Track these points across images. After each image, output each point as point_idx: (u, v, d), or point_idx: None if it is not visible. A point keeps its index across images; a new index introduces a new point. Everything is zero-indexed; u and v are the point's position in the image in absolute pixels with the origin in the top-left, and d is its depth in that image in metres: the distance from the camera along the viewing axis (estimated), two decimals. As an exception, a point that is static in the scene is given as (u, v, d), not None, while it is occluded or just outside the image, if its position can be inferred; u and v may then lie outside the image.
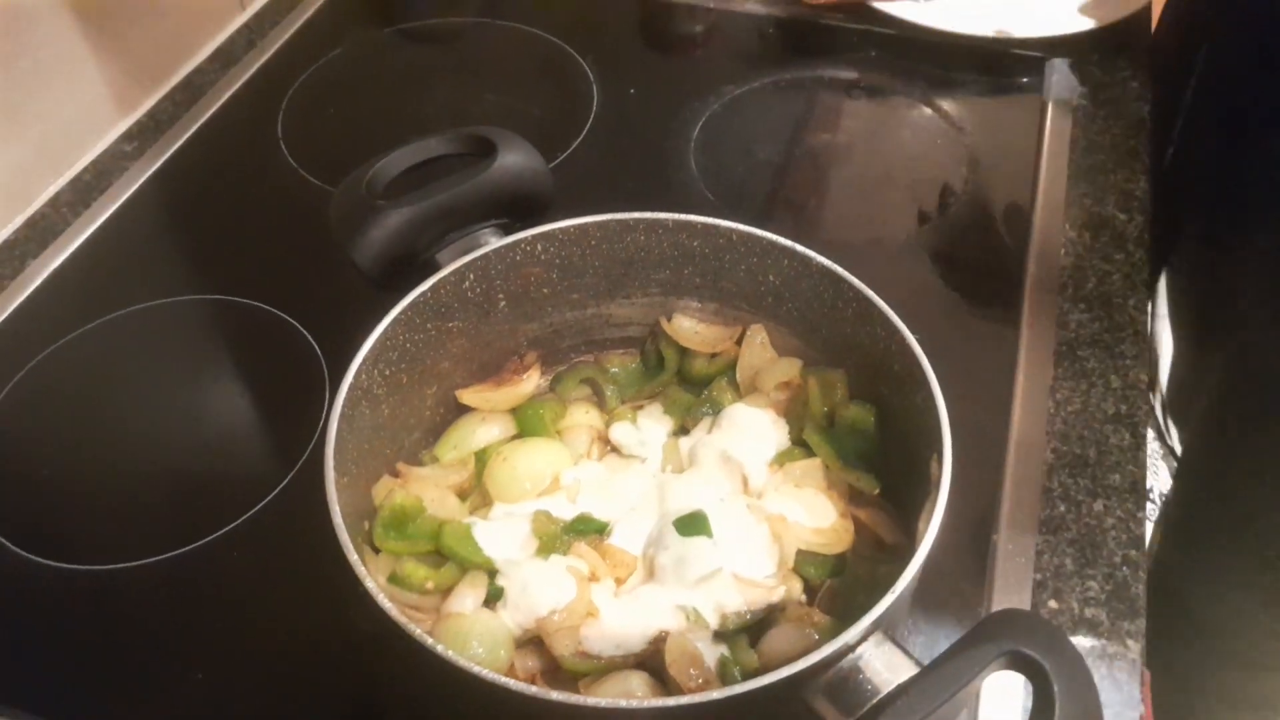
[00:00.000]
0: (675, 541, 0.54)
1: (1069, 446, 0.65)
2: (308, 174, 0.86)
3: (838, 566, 0.54)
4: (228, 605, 0.60)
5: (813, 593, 0.54)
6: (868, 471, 0.56)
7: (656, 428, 0.62)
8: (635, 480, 0.59)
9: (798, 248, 0.58)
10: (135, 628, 0.59)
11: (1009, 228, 0.79)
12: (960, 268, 0.78)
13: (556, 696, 0.42)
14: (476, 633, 0.51)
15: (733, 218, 0.61)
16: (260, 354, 0.74)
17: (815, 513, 0.55)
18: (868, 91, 0.93)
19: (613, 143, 0.88)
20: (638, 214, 0.61)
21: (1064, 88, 0.90)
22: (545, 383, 0.65)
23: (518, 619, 0.52)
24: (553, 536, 0.55)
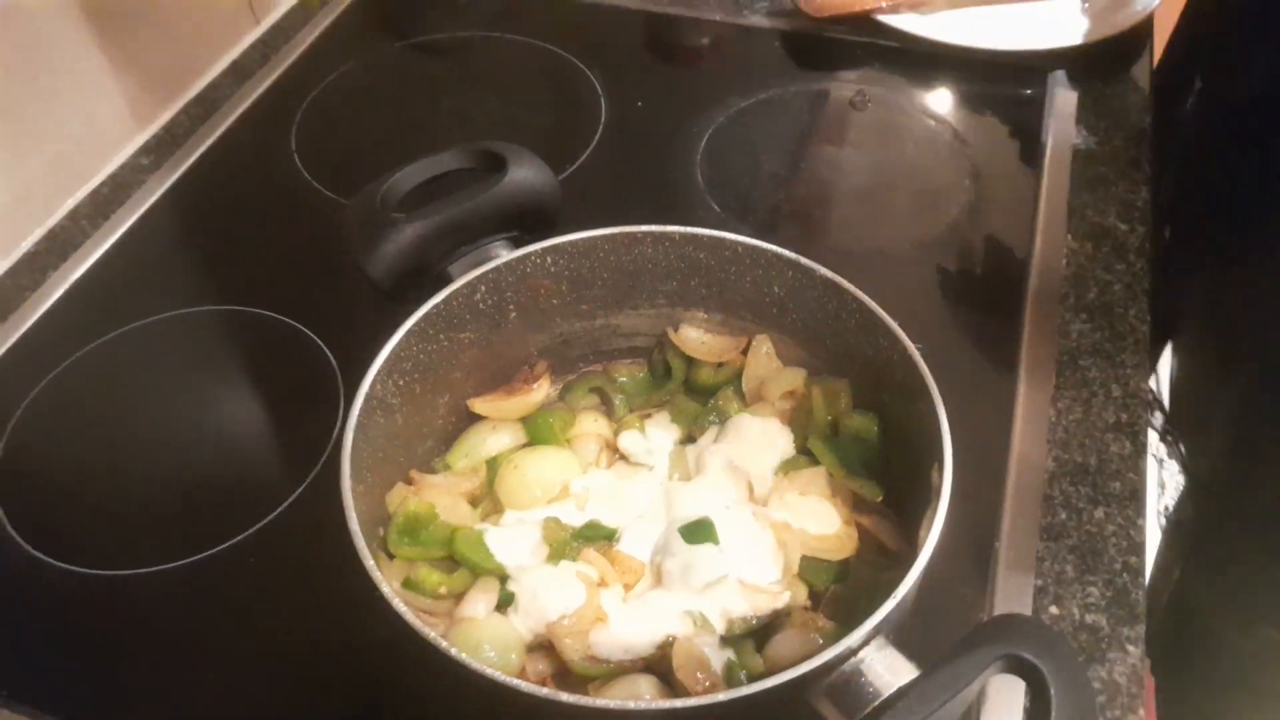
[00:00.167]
0: (682, 548, 0.56)
1: (1070, 455, 0.66)
2: (321, 186, 0.87)
3: (841, 572, 0.56)
4: (243, 610, 0.61)
5: (817, 598, 0.55)
6: (871, 479, 0.57)
7: (664, 436, 0.63)
8: (643, 488, 0.61)
9: (801, 260, 0.59)
10: (152, 632, 0.61)
11: (1011, 238, 0.80)
12: (963, 278, 0.79)
13: (567, 698, 0.43)
14: (488, 637, 0.53)
15: (739, 229, 0.62)
16: (275, 363, 0.75)
17: (819, 520, 0.57)
18: (872, 104, 0.94)
19: (620, 155, 0.89)
20: (645, 227, 0.62)
21: (1065, 99, 0.91)
22: (555, 392, 0.66)
23: (528, 624, 0.53)
24: (562, 543, 0.56)
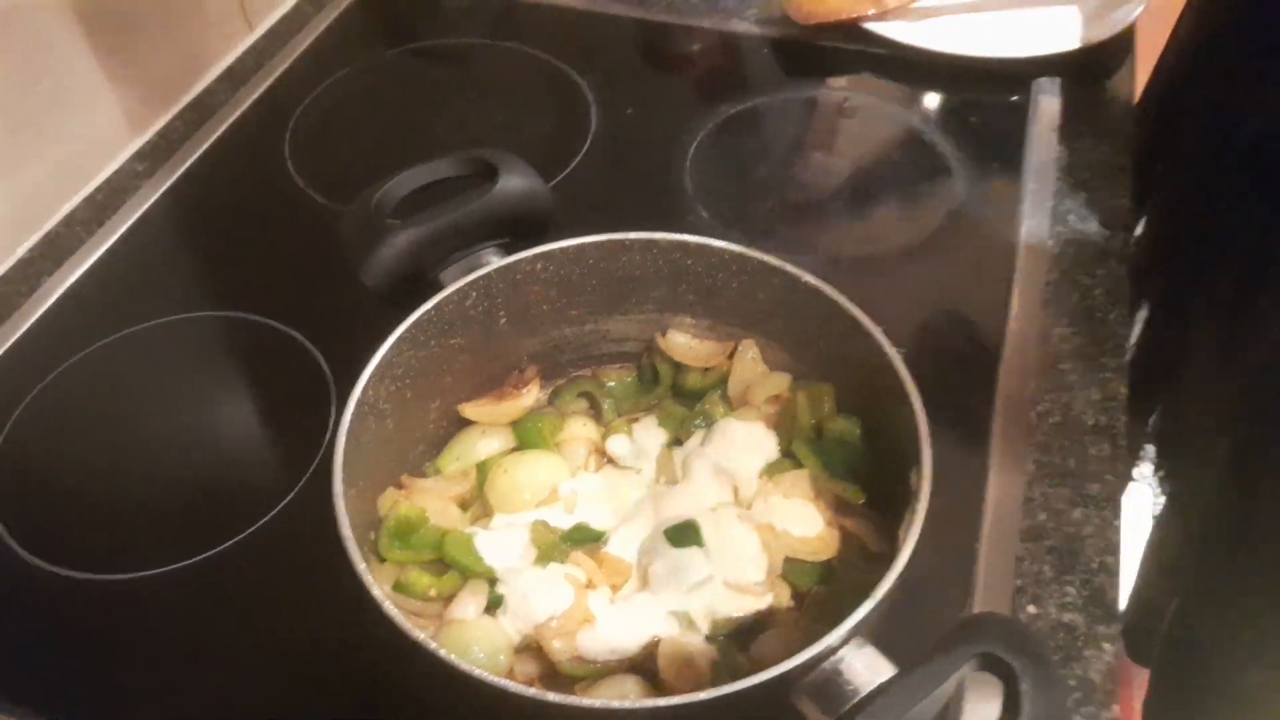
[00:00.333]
0: (668, 550, 0.57)
1: (1050, 457, 0.67)
2: (314, 193, 0.88)
3: (824, 573, 0.57)
4: (238, 613, 0.62)
5: (801, 598, 0.56)
6: (853, 482, 0.58)
7: (651, 440, 0.64)
8: (631, 491, 0.62)
9: (786, 266, 0.60)
10: (148, 634, 0.62)
11: (995, 242, 0.81)
12: (948, 283, 0.80)
13: (554, 698, 0.45)
14: (478, 638, 0.54)
15: (727, 235, 0.63)
16: (268, 368, 0.76)
17: (803, 522, 0.58)
18: (859, 110, 0.95)
19: (611, 162, 0.90)
20: (634, 234, 0.64)
21: (1049, 106, 0.93)
22: (544, 396, 0.67)
23: (517, 625, 0.54)
24: (551, 545, 0.57)
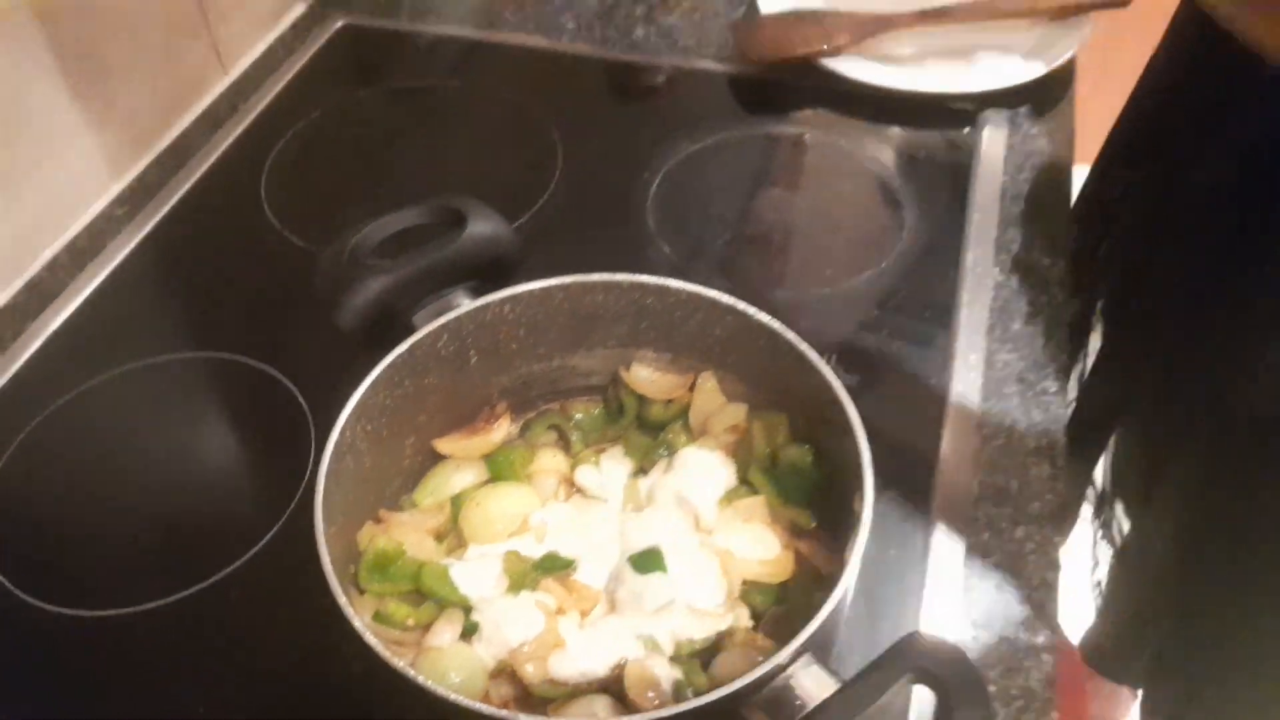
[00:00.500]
0: (634, 576, 0.60)
1: (994, 478, 0.71)
2: (290, 234, 0.91)
3: (780, 595, 0.60)
4: (224, 644, 0.65)
5: (758, 619, 0.60)
6: (806, 508, 0.62)
7: (618, 470, 0.68)
8: (598, 519, 0.65)
9: (739, 305, 0.64)
10: (136, 668, 0.64)
11: (942, 273, 0.86)
12: (898, 313, 0.84)
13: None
14: (454, 664, 0.57)
15: (687, 270, 0.67)
16: (248, 406, 0.79)
17: (760, 546, 0.61)
18: (814, 146, 1.00)
19: (576, 200, 0.94)
20: (597, 276, 0.67)
21: (994, 139, 0.97)
22: (515, 430, 0.71)
23: (491, 651, 0.58)
24: (522, 574, 0.61)
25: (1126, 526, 1.03)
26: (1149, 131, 0.97)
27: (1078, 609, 1.17)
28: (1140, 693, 1.11)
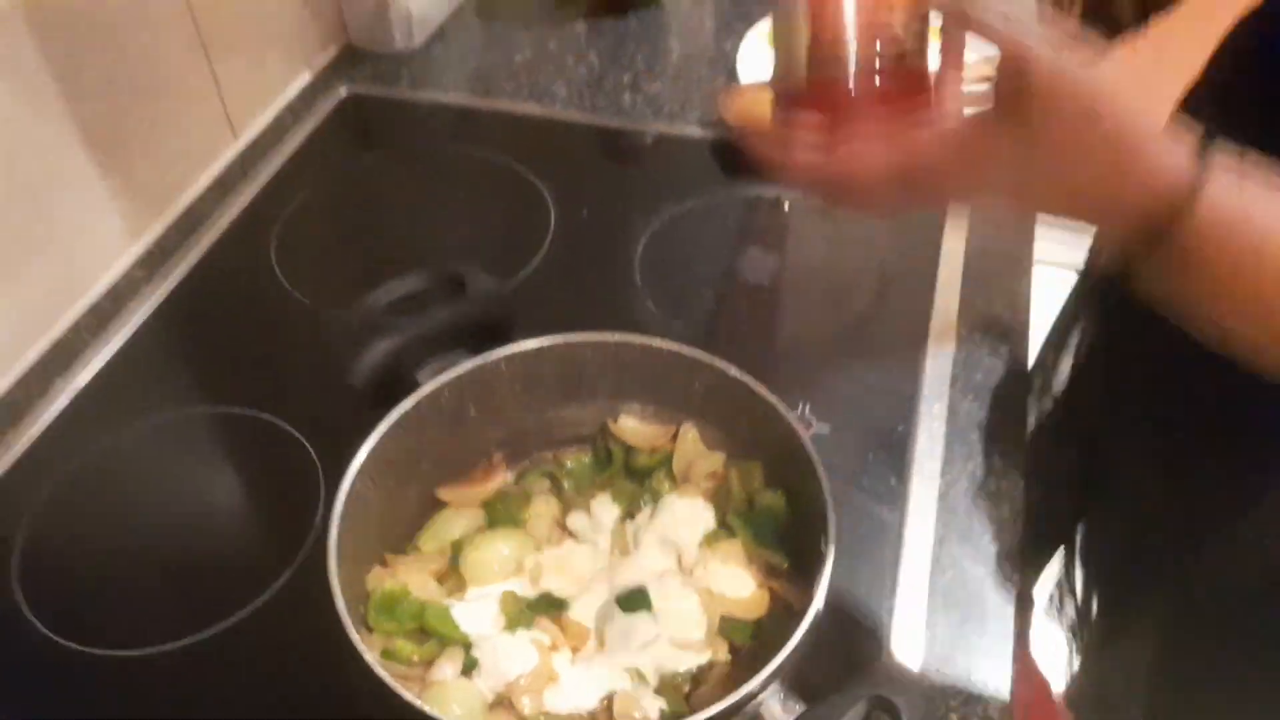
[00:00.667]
0: (621, 615, 0.65)
1: (956, 520, 0.76)
2: (300, 294, 0.97)
3: (757, 630, 0.65)
4: (244, 680, 0.69)
5: (736, 652, 0.65)
6: (780, 549, 0.67)
7: (607, 515, 0.73)
8: (589, 561, 0.70)
9: (715, 362, 0.70)
10: (160, 703, 0.68)
11: (910, 329, 0.92)
12: (869, 364, 0.90)
13: (522, 746, 0.53)
14: (456, 698, 0.61)
15: (672, 326, 0.73)
16: (260, 458, 0.84)
17: (737, 585, 0.66)
18: (791, 207, 1.06)
19: (568, 260, 1.00)
20: (585, 335, 0.73)
21: (960, 200, 1.04)
22: (511, 478, 0.76)
23: (490, 684, 0.62)
24: (519, 613, 0.65)
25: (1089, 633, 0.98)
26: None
27: (1051, 641, 1.21)
28: None
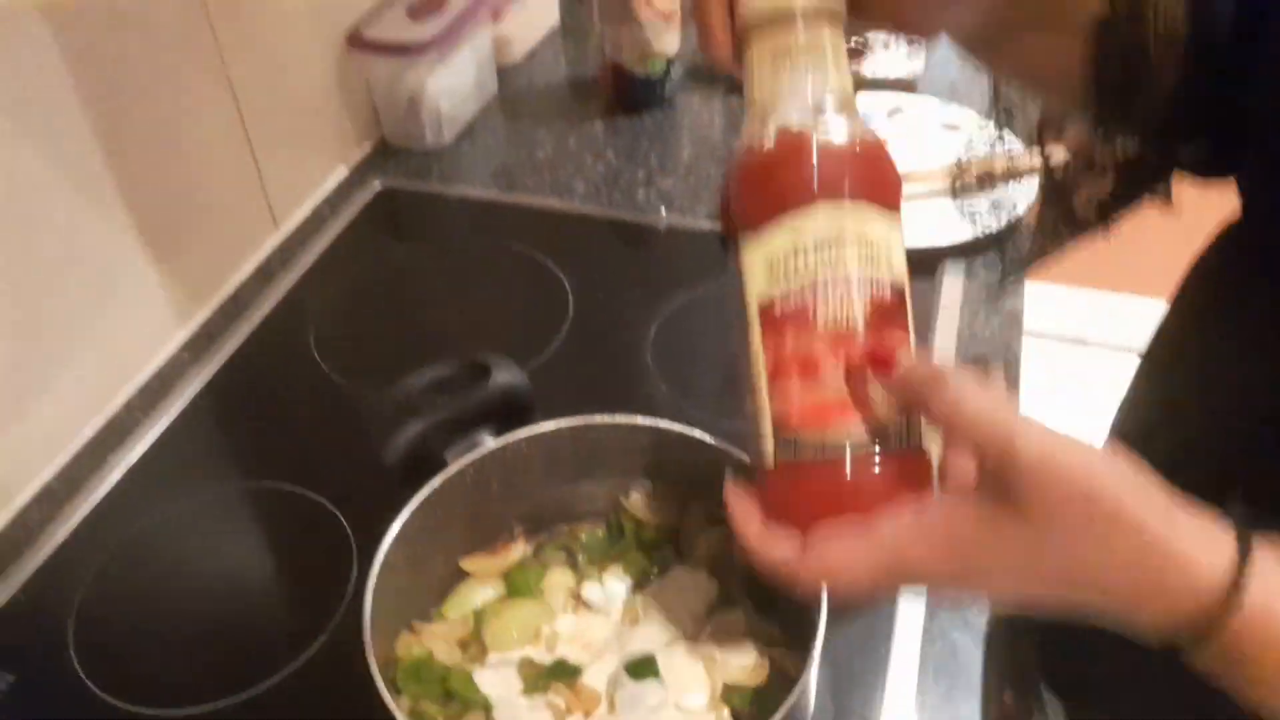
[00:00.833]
0: (630, 681, 0.70)
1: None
2: (336, 377, 1.04)
3: (756, 697, 0.70)
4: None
5: (738, 717, 0.69)
6: (777, 619, 0.72)
7: (618, 586, 0.77)
8: (602, 630, 0.74)
9: (718, 444, 0.75)
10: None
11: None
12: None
13: (537, 801, 0.57)
14: (477, 757, 0.66)
15: (683, 404, 0.78)
16: (298, 530, 0.90)
17: (738, 653, 0.71)
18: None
19: (585, 343, 1.06)
20: (600, 417, 0.79)
21: (953, 288, 1.10)
22: (530, 550, 0.80)
23: (509, 745, 0.67)
24: (536, 678, 0.70)
25: None
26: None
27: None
28: None
